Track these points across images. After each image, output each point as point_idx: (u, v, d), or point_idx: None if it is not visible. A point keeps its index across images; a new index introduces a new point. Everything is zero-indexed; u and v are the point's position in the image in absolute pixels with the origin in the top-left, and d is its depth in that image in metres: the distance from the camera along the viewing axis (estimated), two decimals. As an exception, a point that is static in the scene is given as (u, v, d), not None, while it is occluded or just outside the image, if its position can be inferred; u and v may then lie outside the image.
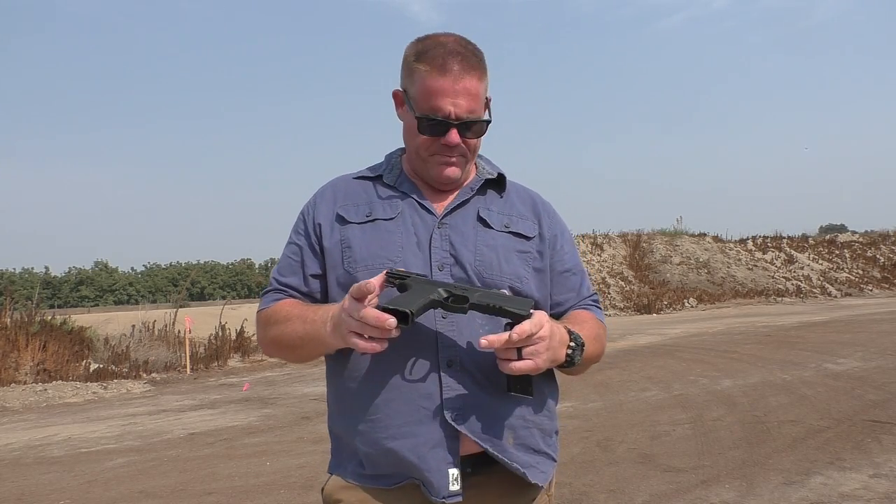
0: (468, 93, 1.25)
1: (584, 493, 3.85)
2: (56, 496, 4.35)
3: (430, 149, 1.29)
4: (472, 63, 1.26)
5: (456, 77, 1.24)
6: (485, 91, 1.30)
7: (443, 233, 1.30)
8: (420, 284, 1.15)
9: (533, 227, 1.37)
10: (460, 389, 1.20)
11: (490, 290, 1.19)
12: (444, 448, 1.19)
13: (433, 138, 1.28)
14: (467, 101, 1.26)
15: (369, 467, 1.24)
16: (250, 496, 4.15)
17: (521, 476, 1.22)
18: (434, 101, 1.25)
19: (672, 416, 5.71)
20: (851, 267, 26.19)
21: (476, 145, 1.33)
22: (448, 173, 1.31)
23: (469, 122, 1.27)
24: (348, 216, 1.32)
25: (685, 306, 20.71)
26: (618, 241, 25.81)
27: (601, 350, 1.37)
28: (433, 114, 1.25)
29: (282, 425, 6.31)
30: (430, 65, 1.24)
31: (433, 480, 1.18)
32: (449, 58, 1.24)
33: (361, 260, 1.27)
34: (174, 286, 75.85)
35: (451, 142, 1.26)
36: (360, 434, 1.24)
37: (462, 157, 1.31)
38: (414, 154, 1.34)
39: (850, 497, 3.57)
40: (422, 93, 1.26)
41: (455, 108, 1.25)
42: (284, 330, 1.27)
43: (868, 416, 5.27)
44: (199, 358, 11.50)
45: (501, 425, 1.22)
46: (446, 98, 1.24)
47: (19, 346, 9.75)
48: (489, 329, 1.23)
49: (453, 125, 1.26)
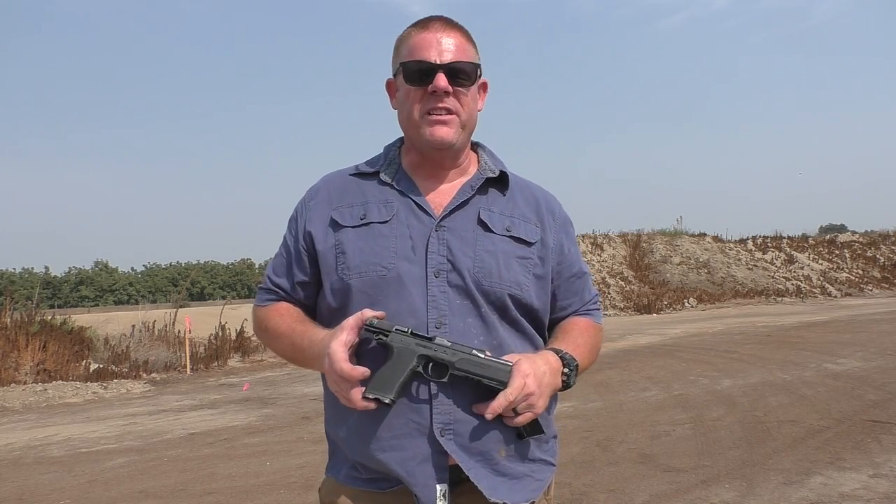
0: (454, 45, 1.26)
1: (584, 493, 3.85)
2: (56, 496, 4.35)
3: (420, 106, 1.26)
4: (455, 25, 1.30)
5: (438, 30, 1.27)
6: (473, 54, 1.30)
7: (440, 236, 1.25)
8: (400, 348, 1.15)
9: (535, 232, 1.32)
10: (450, 404, 1.19)
11: (470, 356, 1.16)
12: (431, 463, 1.18)
13: (422, 90, 1.25)
14: (453, 52, 1.26)
15: (364, 471, 1.25)
16: (250, 496, 4.15)
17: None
18: (418, 53, 1.25)
19: (672, 416, 5.70)
20: (851, 267, 26.18)
21: (469, 108, 1.30)
22: (441, 133, 1.25)
23: (456, 67, 1.25)
24: (342, 220, 1.29)
25: (685, 306, 20.70)
26: (618, 241, 25.81)
27: (595, 358, 1.39)
28: (418, 62, 1.25)
29: (282, 425, 6.30)
30: (414, 27, 1.29)
31: (420, 495, 1.18)
32: (431, 19, 1.29)
33: (355, 267, 1.24)
34: (174, 286, 75.84)
35: (439, 86, 1.23)
36: (351, 443, 1.24)
37: (455, 115, 1.27)
38: (406, 122, 1.31)
39: (850, 497, 3.57)
40: (407, 52, 1.27)
41: (440, 56, 1.25)
42: (275, 345, 1.33)
43: (868, 416, 5.27)
44: (199, 358, 11.50)
45: (493, 438, 1.21)
46: (431, 48, 1.25)
47: (19, 346, 9.75)
48: (485, 340, 1.23)
49: (439, 68, 1.24)
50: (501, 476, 1.22)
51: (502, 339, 1.24)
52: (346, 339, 1.15)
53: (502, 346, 1.23)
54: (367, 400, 1.13)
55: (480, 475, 1.19)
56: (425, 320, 1.21)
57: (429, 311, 1.21)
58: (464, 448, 1.19)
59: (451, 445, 1.18)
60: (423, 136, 1.27)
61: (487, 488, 1.18)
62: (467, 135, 1.32)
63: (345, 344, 1.15)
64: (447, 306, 1.22)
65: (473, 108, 1.31)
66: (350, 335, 1.15)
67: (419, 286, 1.22)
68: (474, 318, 1.23)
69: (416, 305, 1.21)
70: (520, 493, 1.23)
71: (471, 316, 1.23)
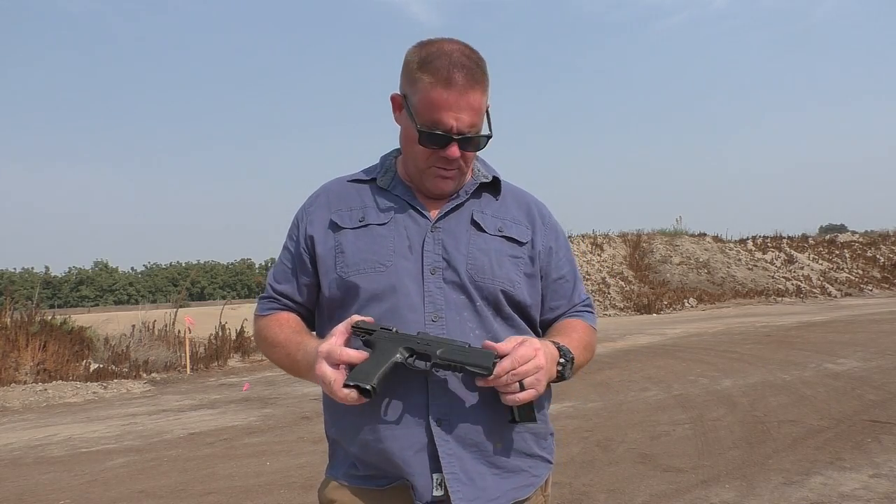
0: (471, 107, 1.24)
1: (584, 493, 3.85)
2: (56, 496, 4.35)
3: (428, 160, 1.29)
4: (476, 77, 1.24)
5: (460, 91, 1.22)
6: (486, 103, 1.29)
7: (436, 236, 1.29)
8: (383, 342, 1.16)
9: (526, 233, 1.36)
10: (448, 396, 1.21)
11: (454, 344, 1.17)
12: (426, 453, 1.20)
13: (433, 150, 1.27)
14: (470, 115, 1.24)
15: (362, 468, 1.26)
16: (250, 496, 4.15)
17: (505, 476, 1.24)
18: (437, 115, 1.23)
19: (672, 416, 5.71)
20: (851, 267, 26.17)
21: (473, 157, 1.33)
22: (443, 186, 1.31)
23: (470, 138, 1.26)
24: (342, 222, 1.32)
25: (685, 306, 20.70)
26: (618, 241, 25.82)
27: (590, 357, 1.40)
28: (435, 127, 1.24)
29: (282, 425, 6.30)
30: (435, 76, 1.21)
31: (417, 485, 1.19)
32: (454, 70, 1.21)
33: (353, 264, 1.27)
34: (174, 286, 75.87)
35: (451, 156, 1.26)
36: (350, 436, 1.26)
37: (458, 170, 1.31)
38: (411, 162, 1.33)
39: (850, 497, 3.57)
40: (424, 104, 1.24)
41: (458, 122, 1.24)
42: (271, 355, 1.36)
43: (868, 416, 5.27)
44: (199, 358, 11.50)
45: (490, 431, 1.22)
46: (449, 112, 1.23)
47: (19, 346, 9.75)
48: (480, 334, 1.25)
49: (454, 140, 1.25)
50: (496, 468, 1.23)
51: (497, 333, 1.27)
52: (336, 342, 1.17)
53: (497, 339, 1.25)
54: (349, 387, 1.13)
55: (471, 470, 1.20)
56: (422, 314, 1.24)
57: (426, 306, 1.24)
58: (459, 439, 1.20)
59: (445, 436, 1.20)
60: (425, 184, 1.32)
61: (459, 496, 1.18)
62: (466, 174, 1.37)
63: (334, 346, 1.17)
64: (443, 301, 1.25)
65: (475, 155, 1.35)
66: (340, 339, 1.17)
67: (416, 282, 1.26)
68: (470, 312, 1.26)
69: (414, 300, 1.24)
70: (511, 486, 1.24)
71: (466, 310, 1.26)
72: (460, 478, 1.19)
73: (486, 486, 1.21)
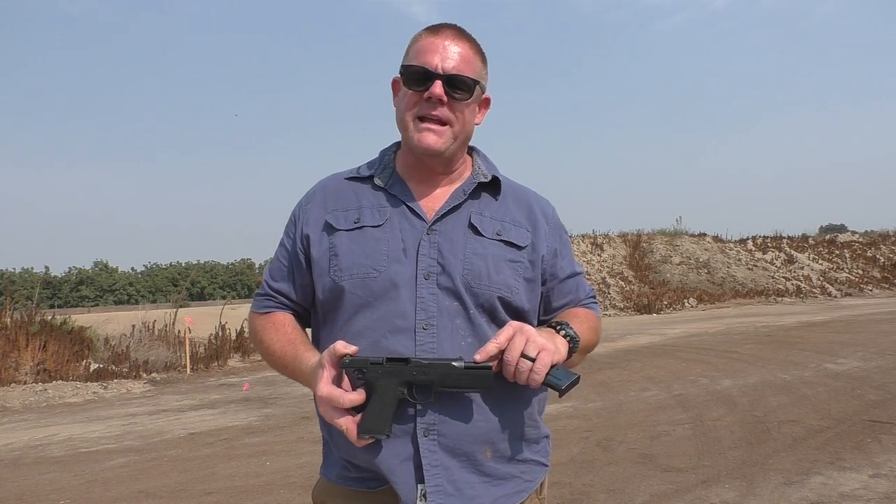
0: (460, 56, 1.25)
1: (584, 493, 3.85)
2: (56, 496, 4.35)
3: (413, 109, 1.26)
4: (466, 36, 1.29)
5: (447, 37, 1.26)
6: (479, 67, 1.29)
7: (432, 240, 1.26)
8: (380, 382, 1.14)
9: (526, 236, 1.32)
10: (436, 406, 1.19)
11: (448, 367, 1.14)
12: (412, 463, 1.18)
13: (417, 94, 1.25)
14: (457, 61, 1.25)
15: (354, 470, 1.26)
16: (250, 496, 4.15)
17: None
18: (422, 56, 1.25)
19: (672, 416, 5.70)
20: (851, 267, 26.17)
21: (465, 121, 1.29)
22: (429, 141, 1.25)
23: (456, 79, 1.24)
24: (337, 224, 1.30)
25: (685, 306, 20.70)
26: (618, 241, 25.81)
27: (596, 340, 1.38)
28: (420, 66, 1.25)
29: (282, 425, 6.30)
30: (426, 30, 1.29)
31: (401, 493, 1.18)
32: (444, 26, 1.29)
33: (346, 269, 1.25)
34: (174, 286, 75.88)
35: (434, 93, 1.23)
36: (338, 442, 1.26)
37: (447, 126, 1.27)
38: (400, 122, 1.31)
39: (850, 497, 3.57)
40: (413, 53, 1.27)
41: (442, 62, 1.24)
42: (267, 360, 1.36)
43: (868, 416, 5.27)
44: (199, 358, 11.50)
45: (479, 439, 1.20)
46: (435, 53, 1.25)
47: (19, 346, 9.75)
48: (472, 342, 1.22)
49: (438, 76, 1.24)
50: (486, 476, 1.21)
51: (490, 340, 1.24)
52: (329, 377, 1.16)
53: None
54: (364, 439, 1.15)
55: (458, 480, 1.19)
56: (413, 322, 1.21)
57: (417, 313, 1.22)
58: (447, 449, 1.19)
59: (432, 446, 1.18)
60: (412, 141, 1.28)
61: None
62: (459, 145, 1.32)
63: (329, 382, 1.16)
64: (435, 308, 1.22)
65: (469, 121, 1.31)
66: (330, 372, 1.16)
67: (409, 288, 1.23)
68: (462, 320, 1.23)
69: (405, 307, 1.22)
70: (502, 493, 1.23)
71: (459, 317, 1.23)
72: (445, 489, 1.17)
73: (474, 494, 1.20)
